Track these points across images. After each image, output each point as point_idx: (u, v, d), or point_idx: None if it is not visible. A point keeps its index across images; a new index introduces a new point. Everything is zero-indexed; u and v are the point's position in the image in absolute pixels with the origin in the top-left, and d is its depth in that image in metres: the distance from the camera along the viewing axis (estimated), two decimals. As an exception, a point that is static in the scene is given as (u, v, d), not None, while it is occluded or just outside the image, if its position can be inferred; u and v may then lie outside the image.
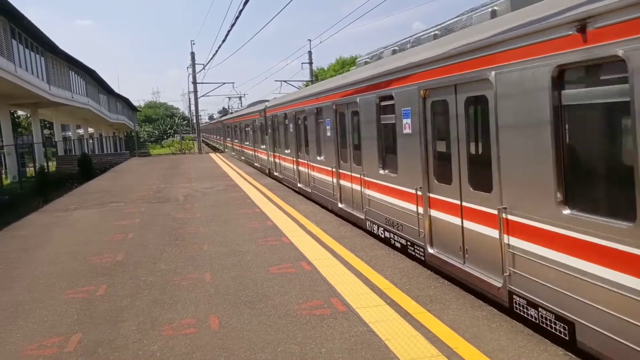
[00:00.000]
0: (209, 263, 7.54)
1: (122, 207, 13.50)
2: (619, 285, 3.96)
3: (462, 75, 5.93)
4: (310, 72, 42.65)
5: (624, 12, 3.76)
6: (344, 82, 10.44)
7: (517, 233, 5.11)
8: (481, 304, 5.45)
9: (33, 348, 4.90)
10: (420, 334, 4.75)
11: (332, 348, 4.56)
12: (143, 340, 4.95)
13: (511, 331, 4.75)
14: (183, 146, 59.01)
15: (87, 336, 5.10)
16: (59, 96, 31.67)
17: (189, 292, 6.28)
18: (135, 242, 9.16)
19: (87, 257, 8.26)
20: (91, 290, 6.55)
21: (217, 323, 5.26)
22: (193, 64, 45.25)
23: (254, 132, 24.62)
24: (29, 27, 25.39)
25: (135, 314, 5.64)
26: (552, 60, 4.48)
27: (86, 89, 41.63)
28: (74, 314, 5.74)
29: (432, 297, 5.71)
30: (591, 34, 4.04)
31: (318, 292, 6.05)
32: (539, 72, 4.65)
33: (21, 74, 24.09)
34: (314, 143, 12.99)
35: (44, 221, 12.00)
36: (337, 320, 5.16)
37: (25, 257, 8.58)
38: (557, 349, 4.37)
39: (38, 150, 29.07)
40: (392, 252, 7.68)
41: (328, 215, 10.87)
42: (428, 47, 7.12)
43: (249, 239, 8.96)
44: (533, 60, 4.72)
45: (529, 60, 4.79)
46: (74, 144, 43.29)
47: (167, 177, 21.21)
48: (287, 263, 7.32)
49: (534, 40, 4.69)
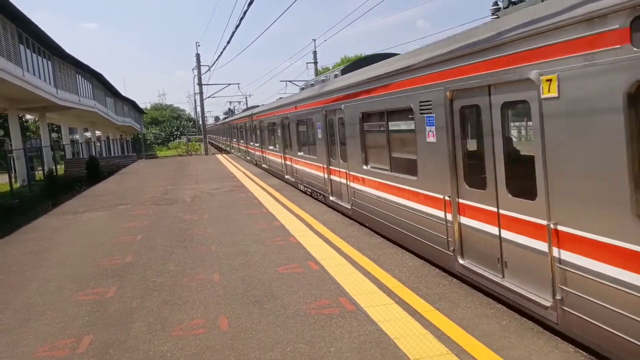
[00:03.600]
0: (217, 264, 7.57)
1: (130, 209, 13.58)
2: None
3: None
4: (315, 71, 42.59)
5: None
6: (286, 102, 17.61)
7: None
8: (490, 302, 5.44)
9: (45, 349, 4.95)
10: (429, 332, 4.75)
11: (341, 347, 4.57)
12: (153, 341, 4.99)
13: (521, 328, 4.73)
14: (189, 148, 59.30)
15: (98, 337, 5.14)
16: (67, 100, 31.90)
17: (198, 292, 6.32)
18: (144, 244, 9.22)
19: (96, 259, 8.33)
20: (101, 292, 6.61)
21: (226, 323, 5.28)
22: (198, 65, 45.45)
23: (246, 133, 30.84)
24: (36, 31, 25.58)
25: (145, 315, 5.68)
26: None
27: (93, 92, 41.90)
28: (84, 315, 5.79)
29: (440, 295, 5.70)
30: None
31: (326, 291, 6.06)
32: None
33: (29, 78, 24.29)
34: (275, 140, 20.15)
35: (54, 224, 12.11)
36: (345, 320, 5.17)
37: (35, 259, 8.66)
38: (567, 346, 4.35)
39: (46, 153, 29.28)
40: (400, 251, 7.67)
41: (336, 215, 10.87)
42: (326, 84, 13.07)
43: (256, 239, 8.99)
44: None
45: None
46: (81, 147, 43.59)
47: (174, 179, 21.30)
48: (295, 263, 7.34)
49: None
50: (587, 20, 4.00)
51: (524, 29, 4.72)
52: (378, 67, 8.93)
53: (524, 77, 4.75)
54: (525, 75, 4.72)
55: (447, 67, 6.10)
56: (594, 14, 3.92)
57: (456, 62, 5.91)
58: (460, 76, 5.87)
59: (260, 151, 24.46)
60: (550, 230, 4.59)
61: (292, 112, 16.05)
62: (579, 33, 4.09)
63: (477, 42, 5.49)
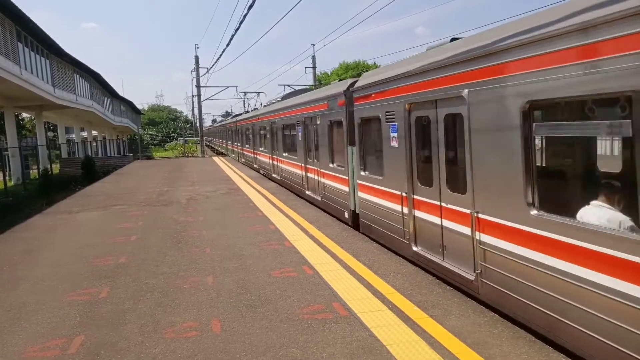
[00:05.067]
0: (211, 266, 7.55)
1: (125, 210, 13.54)
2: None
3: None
4: (313, 76, 42.69)
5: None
6: (272, 109, 20.01)
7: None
8: (483, 310, 5.45)
9: (36, 350, 4.92)
10: (422, 340, 4.75)
11: (334, 352, 4.56)
12: (145, 343, 4.96)
13: (513, 337, 4.74)
14: (186, 149, 59.20)
15: (90, 338, 5.11)
16: (64, 99, 31.81)
17: (191, 295, 6.29)
18: (138, 245, 9.19)
19: (90, 259, 8.29)
20: (94, 292, 6.58)
21: (219, 326, 5.27)
22: (197, 67, 45.45)
23: (240, 135, 34.08)
24: (35, 30, 25.54)
25: (138, 316, 5.66)
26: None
27: (90, 91, 41.81)
28: (76, 316, 5.76)
29: (433, 303, 5.70)
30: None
31: (320, 296, 6.06)
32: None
33: (27, 76, 24.22)
34: (257, 142, 24.21)
35: (48, 223, 12.05)
36: (338, 325, 5.16)
37: (28, 259, 8.61)
38: (559, 355, 4.36)
39: (42, 152, 29.14)
40: (395, 257, 7.68)
41: (330, 220, 10.88)
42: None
43: (251, 242, 8.98)
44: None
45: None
46: (77, 146, 43.35)
47: (170, 180, 21.26)
48: (289, 267, 7.33)
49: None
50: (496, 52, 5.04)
51: (459, 55, 5.72)
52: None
53: (459, 94, 5.69)
54: (459, 93, 5.66)
55: (406, 84, 7.14)
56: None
57: (412, 79, 6.92)
58: (415, 91, 6.87)
59: (252, 152, 26.67)
60: (473, 217, 5.63)
61: (278, 118, 18.06)
62: (489, 62, 5.14)
63: (429, 64, 6.46)
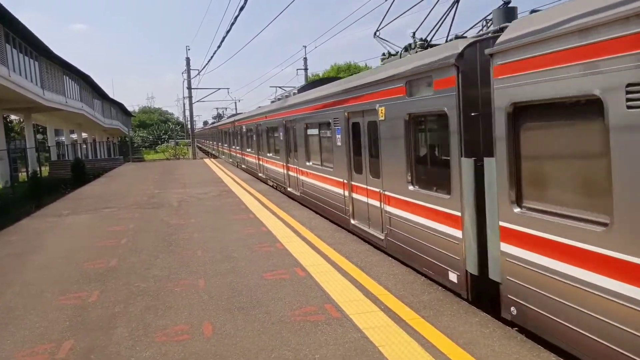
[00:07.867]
0: (202, 269, 7.51)
1: (115, 212, 13.43)
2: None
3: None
4: (305, 78, 42.65)
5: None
6: (259, 112, 21.30)
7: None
8: (475, 310, 5.48)
9: (24, 355, 4.86)
10: (414, 340, 4.76)
11: (326, 354, 4.55)
12: (136, 346, 4.92)
13: (504, 337, 4.77)
14: (177, 152, 58.91)
15: (79, 343, 5.06)
16: (53, 101, 31.50)
17: (182, 298, 6.25)
18: (129, 248, 9.12)
19: (80, 262, 8.21)
20: (84, 296, 6.51)
21: (210, 329, 5.23)
22: (188, 69, 45.24)
23: (230, 137, 34.97)
24: (24, 31, 25.28)
25: (128, 320, 5.61)
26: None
27: (80, 94, 41.45)
28: (66, 320, 5.69)
29: (425, 304, 5.72)
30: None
31: (312, 298, 6.05)
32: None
33: (15, 78, 23.95)
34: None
35: (37, 226, 11.92)
36: (331, 327, 5.16)
37: (17, 262, 8.51)
38: (550, 355, 4.39)
39: (31, 155, 28.82)
40: (387, 259, 7.69)
41: (322, 222, 10.87)
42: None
43: (243, 245, 8.94)
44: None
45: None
46: (67, 148, 42.95)
47: (161, 183, 21.14)
48: (281, 269, 7.31)
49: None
50: (393, 80, 7.37)
51: (373, 80, 8.06)
52: (316, 91, 12.12)
53: (374, 107, 8.02)
54: (374, 106, 7.98)
55: (345, 97, 9.55)
56: (396, 77, 7.22)
57: (349, 94, 9.32)
58: (350, 103, 9.26)
59: (240, 153, 28.24)
60: (381, 194, 8.05)
61: (263, 121, 19.57)
62: (390, 86, 7.43)
63: (359, 85, 8.78)
